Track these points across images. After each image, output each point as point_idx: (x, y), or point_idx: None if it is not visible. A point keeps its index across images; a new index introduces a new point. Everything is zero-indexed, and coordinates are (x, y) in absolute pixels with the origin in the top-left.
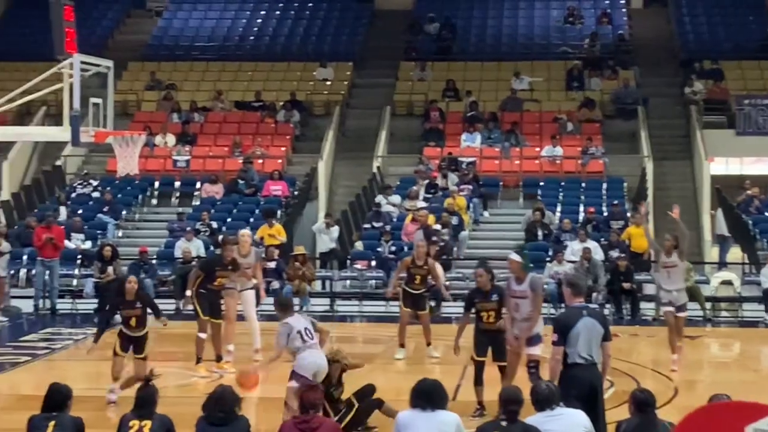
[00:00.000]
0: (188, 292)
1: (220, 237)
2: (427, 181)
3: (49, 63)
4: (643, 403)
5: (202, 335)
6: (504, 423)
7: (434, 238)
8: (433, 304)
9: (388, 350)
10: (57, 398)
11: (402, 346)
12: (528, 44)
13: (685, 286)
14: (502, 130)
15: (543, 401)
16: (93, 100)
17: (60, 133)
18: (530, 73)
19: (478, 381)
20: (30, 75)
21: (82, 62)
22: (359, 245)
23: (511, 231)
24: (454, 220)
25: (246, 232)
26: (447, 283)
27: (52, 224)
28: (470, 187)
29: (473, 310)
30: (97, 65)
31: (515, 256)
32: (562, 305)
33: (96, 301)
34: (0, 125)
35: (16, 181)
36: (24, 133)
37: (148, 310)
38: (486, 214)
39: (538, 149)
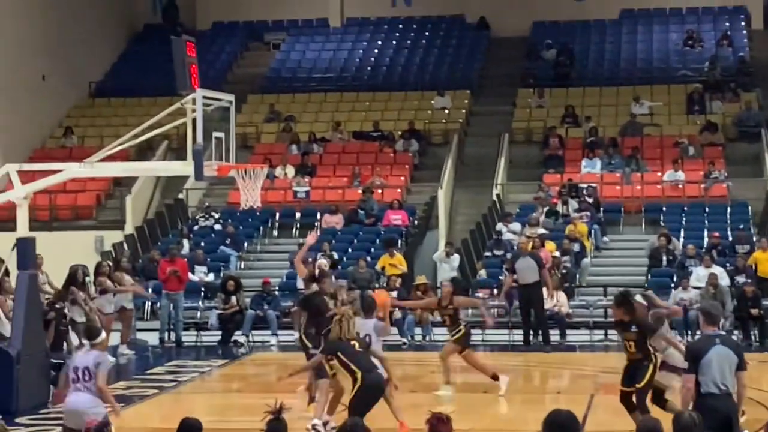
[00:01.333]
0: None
1: (317, 271)
2: (547, 208)
3: (169, 98)
4: None
5: None
6: None
7: (546, 263)
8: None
9: (512, 379)
10: None
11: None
12: (647, 68)
13: None
14: (622, 156)
15: (685, 430)
16: (216, 134)
17: (184, 167)
18: (650, 98)
19: (630, 409)
20: (151, 110)
21: (205, 97)
22: (483, 273)
23: (633, 257)
24: (576, 247)
25: (323, 261)
26: (569, 310)
27: (175, 257)
28: (590, 213)
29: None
30: (219, 99)
31: (640, 299)
32: (688, 331)
33: (220, 333)
34: (122, 161)
35: (140, 215)
36: (149, 169)
37: None
38: (607, 240)
39: (659, 174)
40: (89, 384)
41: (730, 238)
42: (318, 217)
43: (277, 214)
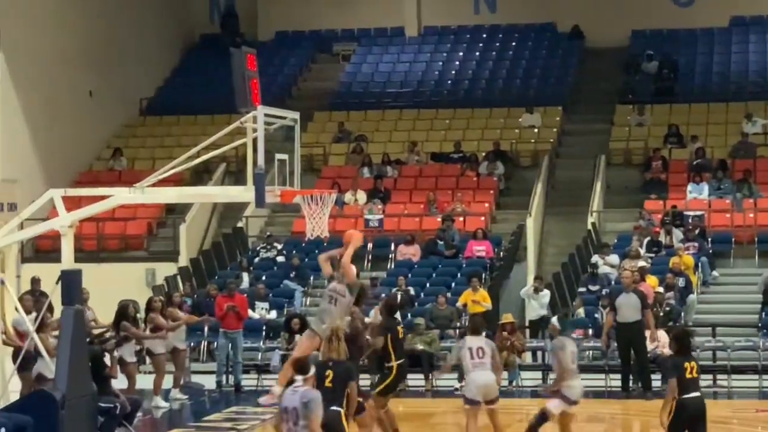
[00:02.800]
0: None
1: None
2: (648, 238)
3: (228, 116)
4: None
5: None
6: None
7: (648, 300)
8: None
9: (609, 429)
10: None
11: None
12: (760, 82)
13: None
14: (733, 180)
15: None
16: (278, 156)
17: (243, 193)
18: (764, 115)
19: None
20: (208, 129)
21: (267, 115)
22: (581, 312)
23: (746, 293)
24: (681, 282)
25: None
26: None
27: (234, 292)
28: (697, 244)
29: None
30: (283, 117)
31: (555, 322)
32: None
33: None
34: (175, 185)
35: (195, 246)
36: (205, 194)
37: None
38: (715, 274)
39: None
40: (298, 427)
41: None
42: (392, 248)
43: None
